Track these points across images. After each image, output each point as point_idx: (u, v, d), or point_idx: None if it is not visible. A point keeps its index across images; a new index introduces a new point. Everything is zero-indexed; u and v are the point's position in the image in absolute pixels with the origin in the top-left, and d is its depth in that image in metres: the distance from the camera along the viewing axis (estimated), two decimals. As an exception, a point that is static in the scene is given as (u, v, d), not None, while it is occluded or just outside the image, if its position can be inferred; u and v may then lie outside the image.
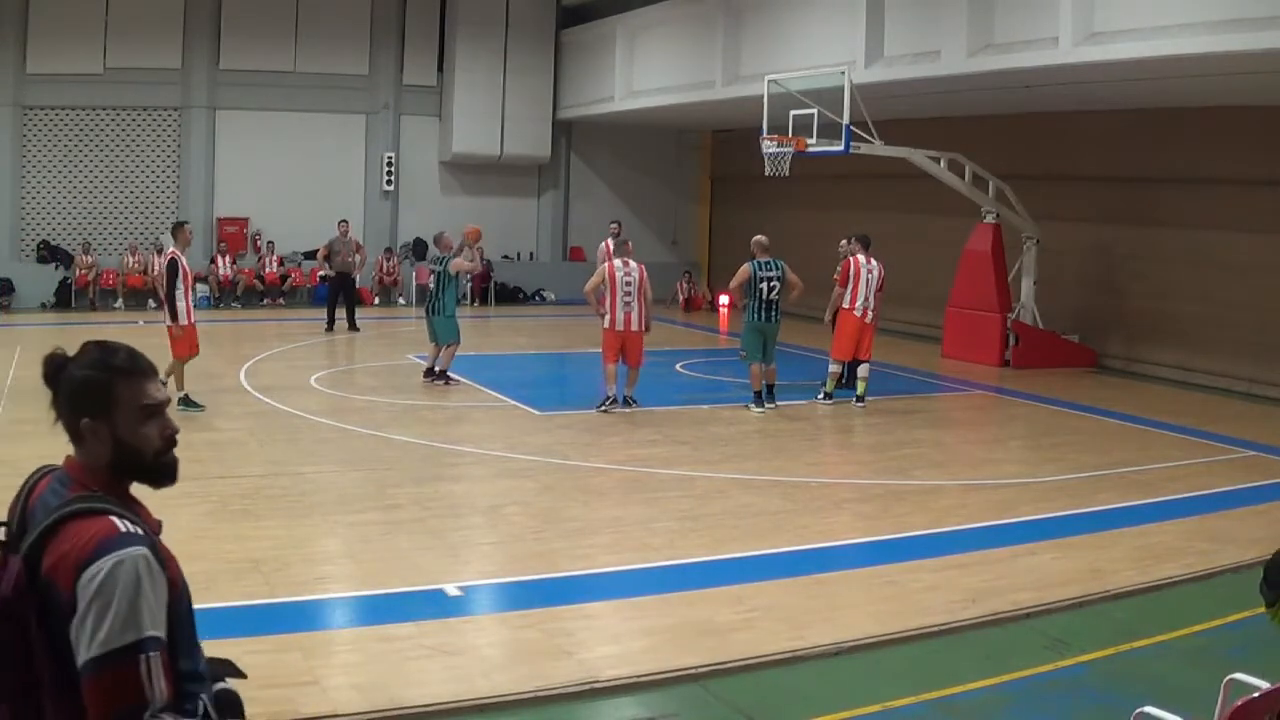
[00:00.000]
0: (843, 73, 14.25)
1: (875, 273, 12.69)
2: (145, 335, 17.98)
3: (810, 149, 14.56)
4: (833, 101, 14.20)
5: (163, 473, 2.39)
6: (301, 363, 14.74)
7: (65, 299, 20.31)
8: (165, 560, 2.27)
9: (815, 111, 14.47)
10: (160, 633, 2.15)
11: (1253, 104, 13.93)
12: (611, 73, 21.79)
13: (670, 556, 7.11)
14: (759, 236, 12.46)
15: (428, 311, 13.45)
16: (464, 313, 17.23)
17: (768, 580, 6.69)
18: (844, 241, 13.45)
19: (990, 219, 16.16)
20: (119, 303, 20.61)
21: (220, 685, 2.44)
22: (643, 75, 21.08)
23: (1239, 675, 3.70)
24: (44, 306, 20.23)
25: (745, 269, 12.26)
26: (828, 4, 16.08)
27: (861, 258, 12.72)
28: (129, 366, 2.35)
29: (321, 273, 20.26)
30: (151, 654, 2.12)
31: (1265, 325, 14.23)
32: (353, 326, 18.25)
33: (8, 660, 2.14)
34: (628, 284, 11.83)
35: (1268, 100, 13.55)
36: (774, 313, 12.16)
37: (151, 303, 20.72)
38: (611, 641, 5.76)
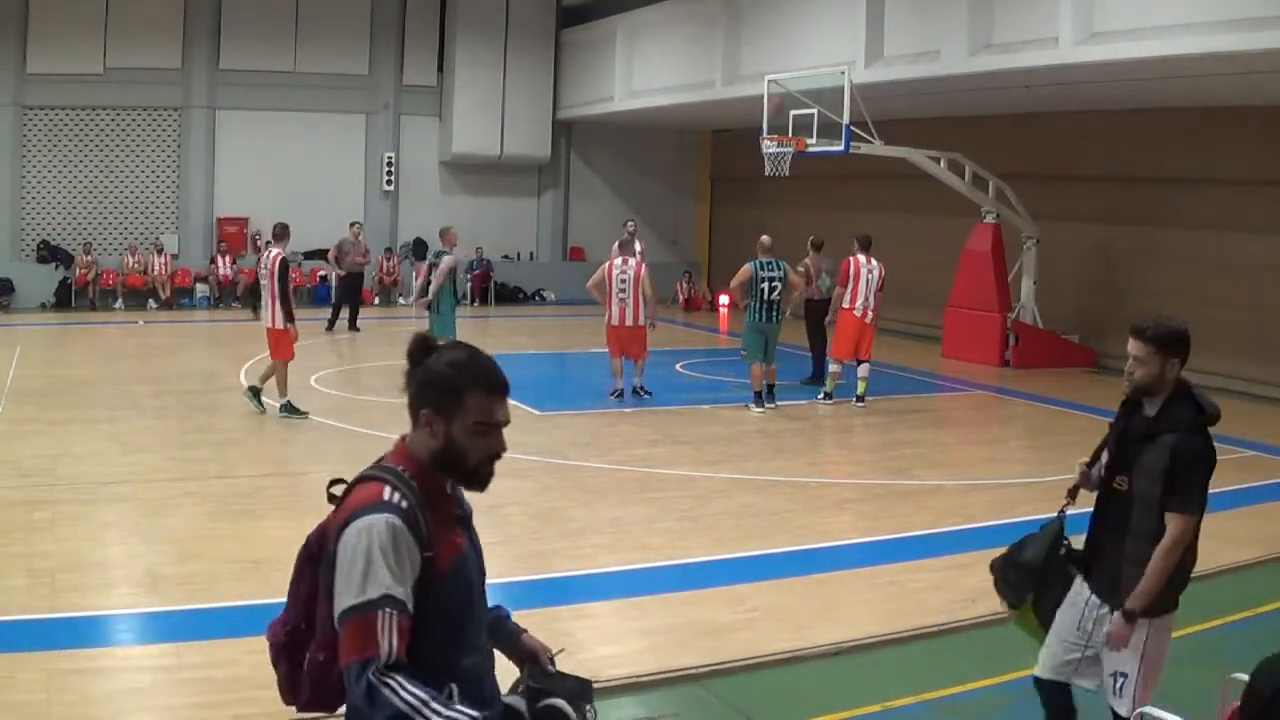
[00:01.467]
0: (843, 73, 14.26)
1: (876, 273, 12.69)
2: (148, 335, 18.02)
3: (810, 149, 14.57)
4: (833, 101, 14.20)
5: (477, 481, 2.50)
6: (301, 363, 14.68)
7: (65, 299, 20.30)
8: (436, 544, 2.37)
9: (815, 111, 14.47)
10: (399, 594, 2.26)
11: (1253, 104, 13.93)
12: (611, 73, 21.79)
13: (670, 556, 7.11)
14: (763, 237, 12.49)
15: (426, 309, 13.52)
16: (464, 312, 17.24)
17: (768, 580, 6.69)
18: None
19: (990, 219, 16.15)
20: (119, 303, 20.60)
21: (545, 701, 2.53)
22: (643, 75, 21.08)
23: (1239, 675, 3.69)
24: (44, 306, 20.22)
25: (746, 269, 12.28)
26: (828, 4, 16.08)
27: (862, 258, 12.72)
28: (488, 383, 2.49)
29: (322, 273, 20.27)
30: (387, 611, 2.24)
31: (1265, 325, 14.23)
32: (353, 326, 18.31)
33: (304, 596, 2.49)
34: (623, 280, 12.15)
35: (1268, 100, 13.54)
36: (775, 313, 12.18)
37: (152, 303, 20.75)
38: (612, 641, 5.76)
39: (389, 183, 22.96)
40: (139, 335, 18.01)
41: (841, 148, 14.35)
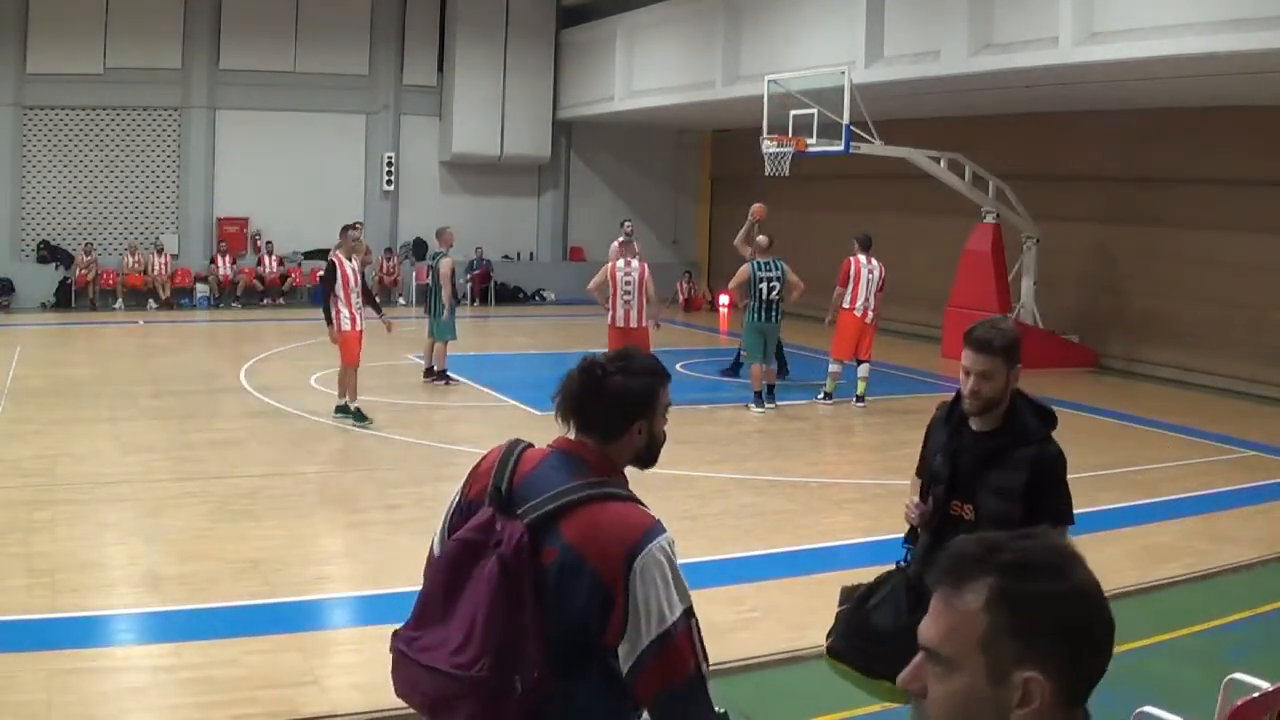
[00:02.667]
0: (843, 73, 14.25)
1: (876, 273, 12.69)
2: (148, 335, 18.01)
3: (810, 149, 14.56)
4: (833, 101, 14.19)
5: (656, 460, 2.68)
6: (301, 363, 14.72)
7: (65, 299, 20.30)
8: None
9: (815, 111, 14.47)
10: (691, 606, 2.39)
11: (1253, 104, 13.92)
12: (611, 73, 21.79)
13: (670, 556, 7.10)
14: (760, 236, 12.49)
15: (426, 310, 13.59)
16: (464, 313, 17.24)
17: (768, 580, 6.69)
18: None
19: (990, 219, 16.15)
20: (119, 303, 20.59)
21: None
22: (643, 75, 21.08)
23: (1239, 675, 3.70)
24: (44, 306, 20.22)
25: (745, 269, 12.29)
26: (828, 4, 16.08)
27: (862, 258, 12.72)
28: (665, 373, 2.70)
29: (321, 273, 20.22)
30: (695, 620, 2.37)
31: (1265, 325, 14.23)
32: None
33: (502, 609, 2.33)
34: (627, 282, 11.91)
35: (1268, 100, 13.54)
36: (775, 313, 12.17)
37: (152, 303, 20.75)
38: (611, 641, 5.75)
39: (389, 183, 22.96)
40: (139, 335, 18.02)
41: (841, 148, 14.34)
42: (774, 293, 12.14)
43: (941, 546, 3.20)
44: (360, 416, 10.69)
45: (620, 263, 12.07)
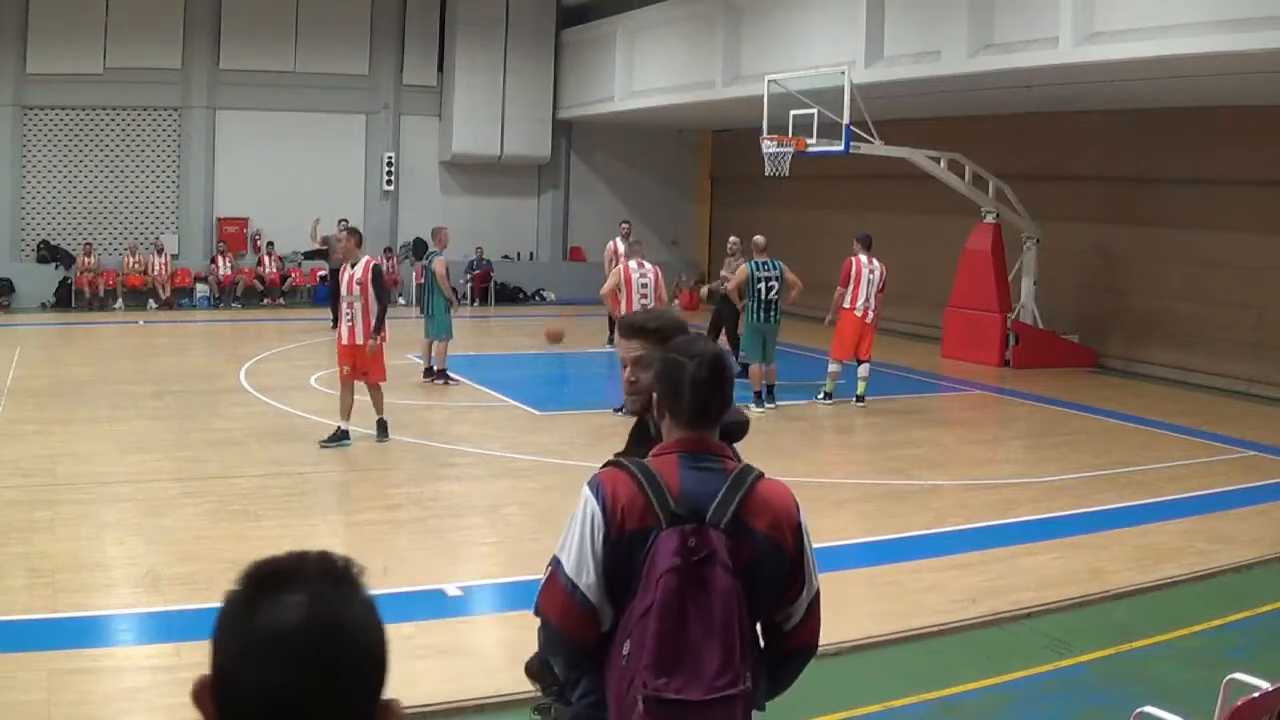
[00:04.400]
0: (843, 73, 14.25)
1: (877, 273, 12.70)
2: (148, 335, 18.02)
3: (810, 149, 14.56)
4: (833, 101, 14.19)
5: None
6: (301, 363, 14.73)
7: (65, 299, 20.29)
8: None
9: (815, 111, 14.47)
10: None
11: (1253, 104, 13.92)
12: (611, 73, 21.78)
13: (670, 556, 7.10)
14: (757, 236, 12.50)
15: (423, 310, 13.60)
16: (464, 313, 17.24)
17: (768, 580, 6.68)
18: (733, 240, 14.26)
19: (990, 219, 16.15)
20: (119, 303, 20.59)
21: None
22: (643, 75, 21.08)
23: (1239, 675, 3.70)
24: (44, 306, 20.21)
25: (743, 269, 12.29)
26: (828, 4, 16.08)
27: (863, 257, 12.72)
28: None
29: (322, 273, 20.22)
30: None
31: (1265, 325, 14.23)
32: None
33: (745, 618, 2.44)
34: (644, 285, 11.64)
35: (1268, 100, 13.54)
36: (773, 312, 12.15)
37: (152, 303, 20.74)
38: (611, 641, 5.75)
39: (389, 183, 22.96)
40: (139, 335, 18.02)
41: (841, 148, 14.34)
42: (772, 292, 12.12)
43: None
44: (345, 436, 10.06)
45: (634, 264, 11.84)
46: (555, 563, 2.46)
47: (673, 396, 2.52)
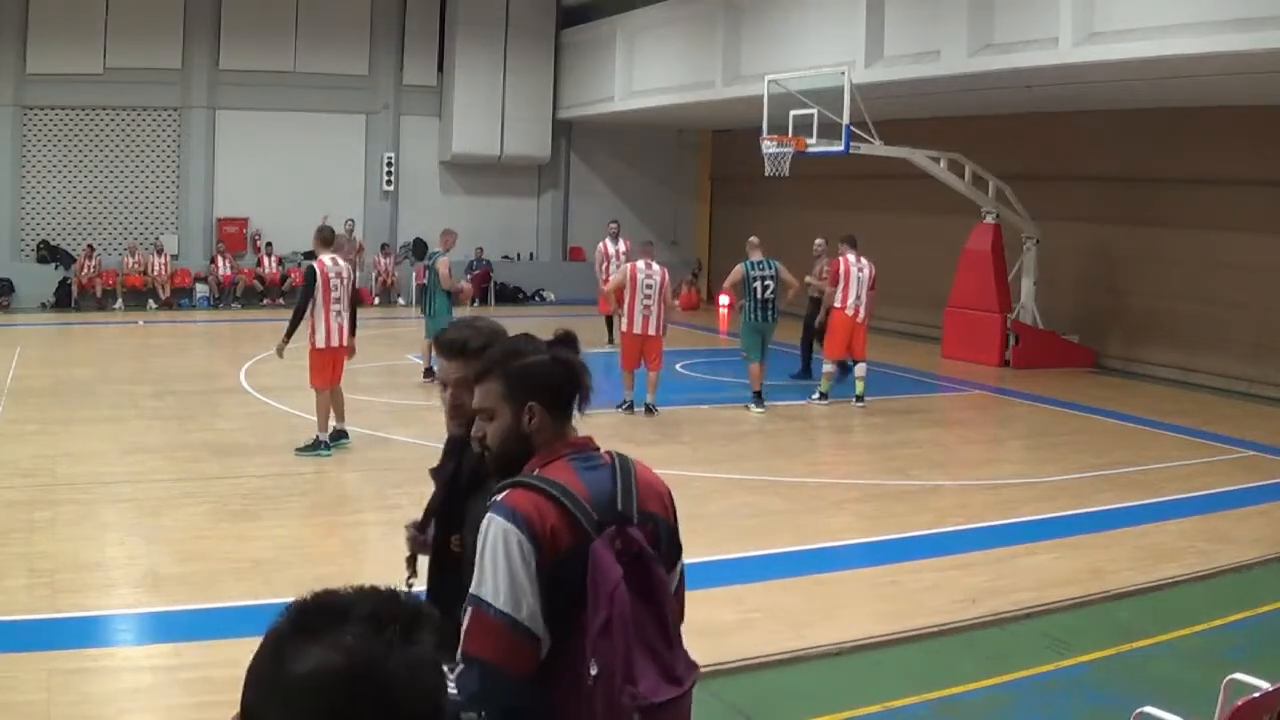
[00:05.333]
0: (843, 73, 14.25)
1: (866, 271, 12.71)
2: (148, 335, 18.02)
3: (810, 149, 14.56)
4: (833, 101, 14.19)
5: None
6: (301, 363, 14.67)
7: (65, 299, 20.28)
8: None
9: (815, 111, 14.47)
10: None
11: (1253, 104, 13.92)
12: (611, 73, 21.78)
13: (670, 556, 7.10)
14: (751, 237, 12.58)
15: (424, 310, 13.62)
16: (463, 313, 17.21)
17: (768, 580, 6.69)
18: (819, 241, 14.12)
19: (990, 219, 16.15)
20: (119, 303, 20.58)
21: None
22: (643, 75, 21.08)
23: (1239, 675, 3.70)
24: (44, 306, 20.21)
25: (738, 269, 12.31)
26: (828, 4, 16.08)
27: (851, 257, 12.75)
28: None
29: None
30: None
31: (1265, 325, 14.23)
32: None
33: (670, 601, 2.45)
34: (649, 286, 11.58)
35: (1268, 100, 13.54)
36: (770, 312, 12.13)
37: (152, 303, 20.74)
38: (611, 641, 5.75)
39: (389, 183, 22.96)
40: (139, 335, 18.02)
41: (841, 148, 14.34)
42: (769, 291, 12.09)
43: (436, 583, 3.00)
44: (325, 446, 9.65)
45: (641, 264, 11.77)
46: (475, 602, 2.27)
47: (552, 395, 2.48)
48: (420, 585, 3.10)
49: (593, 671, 2.25)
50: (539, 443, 2.48)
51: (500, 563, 2.25)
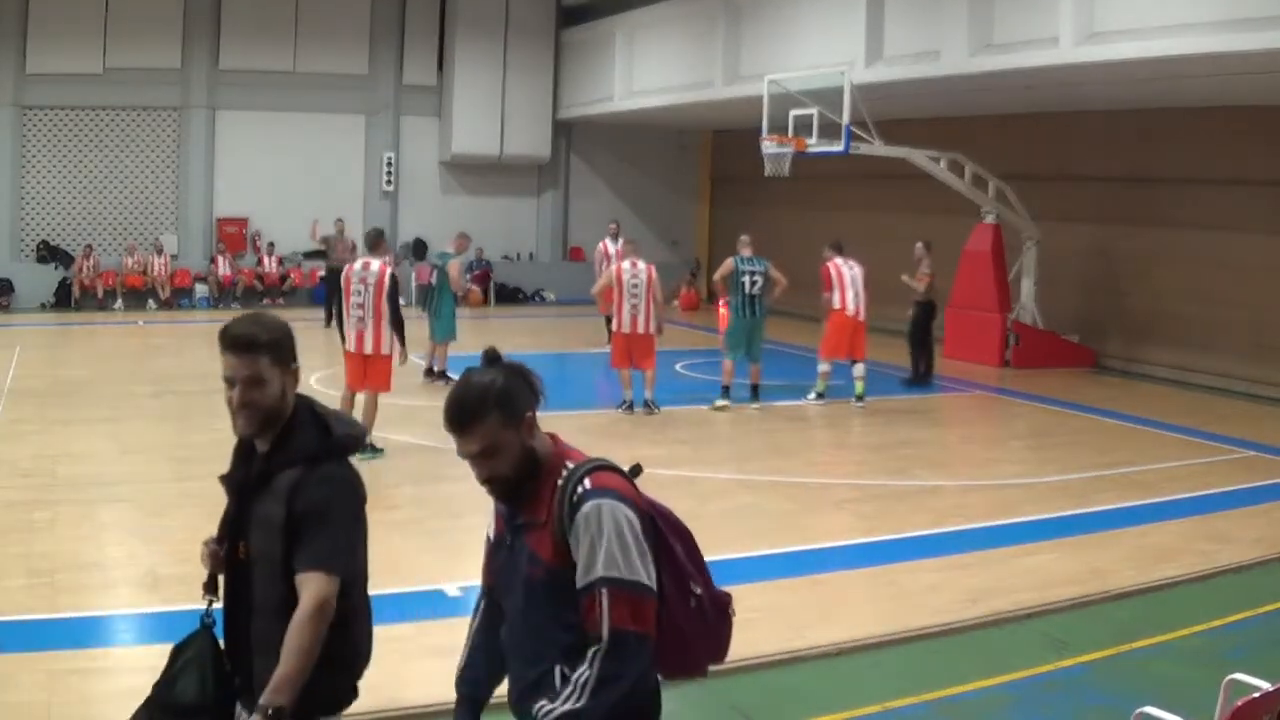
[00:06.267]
0: (843, 73, 14.26)
1: (858, 270, 12.73)
2: (147, 335, 18.01)
3: (810, 149, 14.56)
4: (833, 101, 14.20)
5: None
6: (301, 363, 14.70)
7: (65, 299, 20.28)
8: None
9: (815, 111, 14.47)
10: None
11: (1253, 104, 13.92)
12: (611, 73, 21.79)
13: (670, 556, 7.10)
14: (743, 235, 12.71)
15: (428, 310, 13.63)
16: (464, 313, 17.22)
17: (768, 580, 6.69)
18: (919, 246, 14.43)
19: (990, 219, 16.15)
20: (118, 303, 20.58)
21: None
22: (643, 75, 21.08)
23: (1239, 675, 3.70)
24: (44, 306, 20.21)
25: (728, 262, 12.40)
26: (828, 4, 16.08)
27: (839, 259, 12.76)
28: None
29: (322, 273, 20.21)
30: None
31: (1265, 325, 14.23)
32: (351, 324, 18.43)
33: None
34: (634, 285, 11.64)
35: (1268, 100, 13.54)
36: (756, 308, 12.14)
37: (151, 303, 20.74)
38: (611, 641, 5.74)
39: (389, 183, 22.96)
40: (139, 335, 18.02)
41: (841, 148, 14.34)
42: (755, 286, 12.10)
43: (230, 595, 2.96)
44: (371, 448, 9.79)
45: (626, 264, 11.82)
46: (616, 583, 2.47)
47: (530, 402, 2.66)
48: (221, 603, 3.03)
49: (697, 591, 2.66)
50: (540, 446, 2.65)
51: (628, 540, 2.48)
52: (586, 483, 2.54)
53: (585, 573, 2.47)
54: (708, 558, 2.85)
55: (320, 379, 13.38)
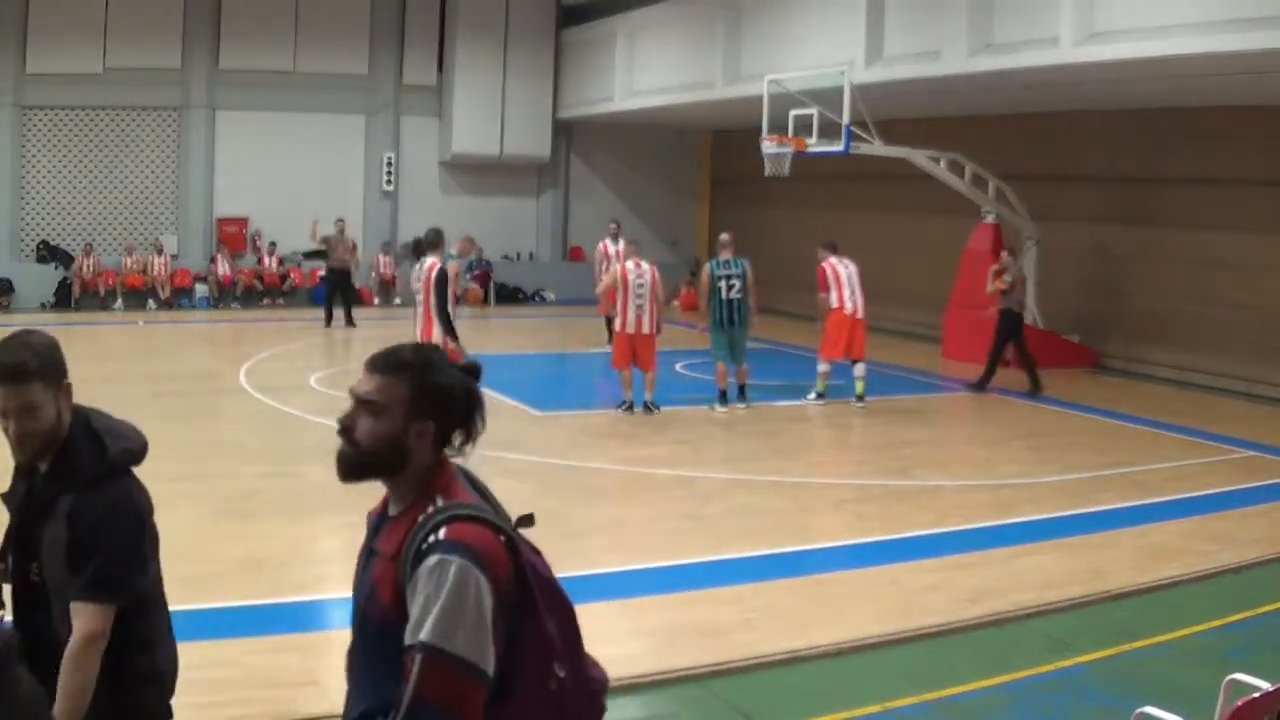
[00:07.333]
0: (843, 73, 14.26)
1: (854, 268, 12.72)
2: (147, 335, 18.01)
3: (810, 149, 14.56)
4: (833, 101, 14.20)
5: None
6: (301, 363, 14.73)
7: (65, 299, 20.28)
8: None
9: (815, 111, 14.47)
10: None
11: (1253, 104, 13.92)
12: (611, 73, 21.79)
13: (670, 557, 7.11)
14: (723, 235, 12.65)
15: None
16: (463, 312, 17.24)
17: (768, 580, 6.69)
18: (1005, 255, 14.16)
19: (990, 219, 16.15)
20: (118, 303, 20.58)
21: None
22: (643, 75, 21.08)
23: (1239, 675, 3.70)
24: (44, 306, 20.21)
25: (704, 272, 12.41)
26: (828, 4, 16.07)
27: (834, 259, 12.74)
28: None
29: (322, 273, 20.22)
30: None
31: (1265, 325, 14.22)
32: (350, 323, 18.45)
33: None
34: (640, 285, 11.66)
35: (1268, 100, 13.54)
36: (735, 312, 12.07)
37: (151, 303, 20.74)
38: (611, 641, 5.74)
39: (389, 183, 22.96)
40: (139, 335, 18.02)
41: (841, 148, 14.34)
42: (733, 290, 12.05)
43: (24, 618, 2.78)
44: None
45: (630, 264, 11.83)
46: (435, 651, 2.12)
47: (449, 424, 2.34)
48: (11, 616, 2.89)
49: (560, 674, 2.26)
50: (414, 463, 2.33)
51: (467, 610, 2.13)
52: (441, 532, 2.19)
53: (413, 630, 2.14)
54: (708, 557, 2.83)
55: (320, 379, 13.40)
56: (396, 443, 2.30)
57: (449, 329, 9.67)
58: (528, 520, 2.38)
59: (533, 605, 2.24)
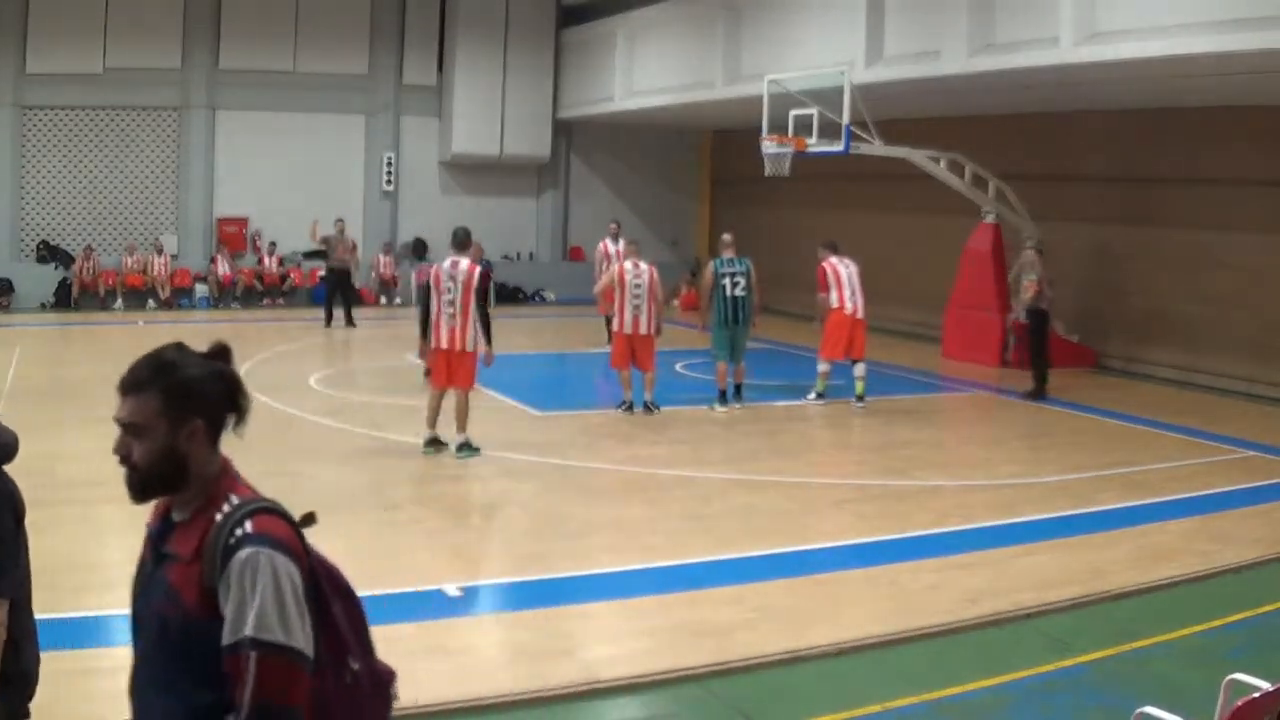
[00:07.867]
0: (843, 73, 14.26)
1: (854, 268, 12.72)
2: (147, 335, 18.00)
3: (810, 149, 14.56)
4: (833, 101, 14.20)
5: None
6: (301, 363, 14.73)
7: (65, 299, 20.28)
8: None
9: (815, 111, 14.47)
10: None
11: (1253, 104, 13.92)
12: (611, 73, 21.79)
13: (670, 556, 7.11)
14: (725, 235, 12.64)
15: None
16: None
17: (768, 580, 6.69)
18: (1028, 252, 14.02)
19: (990, 219, 16.15)
20: (118, 303, 20.58)
21: None
22: (643, 75, 21.08)
23: (1239, 675, 3.70)
24: (44, 306, 20.21)
25: (708, 270, 12.40)
26: (828, 4, 16.07)
27: (834, 259, 12.75)
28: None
29: (322, 273, 20.22)
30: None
31: (1265, 325, 14.22)
32: (350, 323, 18.45)
33: None
34: (637, 285, 11.68)
35: (1268, 100, 13.54)
36: (739, 310, 12.09)
37: (151, 303, 20.74)
38: (611, 642, 5.75)
39: (389, 183, 22.97)
40: (139, 335, 18.01)
41: (841, 148, 14.35)
42: (737, 288, 12.05)
43: None
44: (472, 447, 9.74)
45: (629, 264, 11.85)
46: (264, 645, 2.11)
47: (215, 413, 2.31)
48: None
49: (354, 666, 2.31)
50: (196, 462, 2.29)
51: (286, 598, 2.15)
52: (248, 525, 2.19)
53: (233, 630, 2.12)
54: (708, 557, 2.82)
55: (320, 379, 13.40)
56: (170, 454, 2.27)
57: (487, 331, 9.64)
58: (310, 519, 2.36)
59: (323, 596, 2.29)
